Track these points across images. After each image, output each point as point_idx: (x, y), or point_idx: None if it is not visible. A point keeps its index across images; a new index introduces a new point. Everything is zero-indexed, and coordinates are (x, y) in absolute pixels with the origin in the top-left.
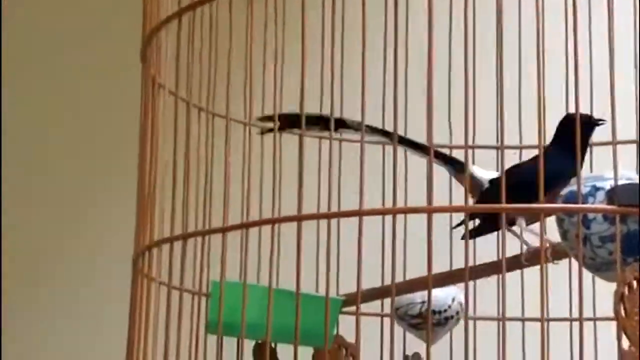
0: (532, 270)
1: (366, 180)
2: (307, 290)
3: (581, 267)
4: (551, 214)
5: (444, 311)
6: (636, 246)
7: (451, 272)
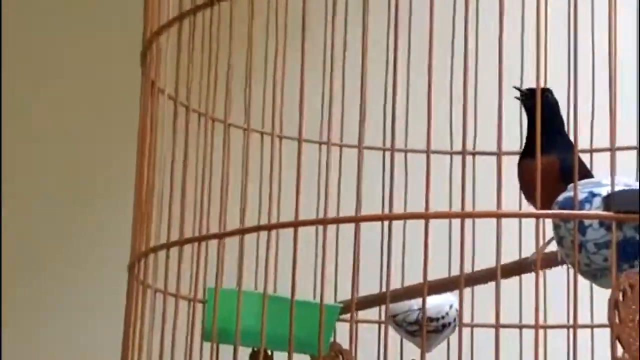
0: (531, 277)
1: (365, 186)
2: (305, 296)
3: (576, 274)
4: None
5: (441, 318)
6: (631, 253)
7: (448, 279)
